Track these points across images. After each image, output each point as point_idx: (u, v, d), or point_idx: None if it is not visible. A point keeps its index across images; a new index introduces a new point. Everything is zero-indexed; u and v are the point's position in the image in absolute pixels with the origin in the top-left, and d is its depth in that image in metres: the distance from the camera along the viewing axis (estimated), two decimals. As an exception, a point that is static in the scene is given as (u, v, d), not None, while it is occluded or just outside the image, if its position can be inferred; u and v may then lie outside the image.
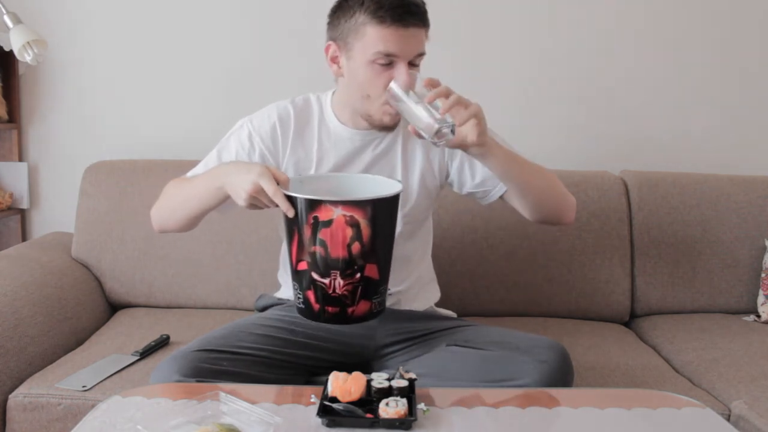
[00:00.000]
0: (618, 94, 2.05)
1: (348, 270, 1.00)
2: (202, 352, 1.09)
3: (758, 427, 1.24)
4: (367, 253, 1.00)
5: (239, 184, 1.03)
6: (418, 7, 1.12)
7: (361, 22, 1.11)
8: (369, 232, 0.99)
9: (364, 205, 0.98)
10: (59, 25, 1.98)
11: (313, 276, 1.01)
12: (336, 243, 0.98)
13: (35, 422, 1.27)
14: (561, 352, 1.10)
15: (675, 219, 1.83)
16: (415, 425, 0.87)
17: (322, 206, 0.98)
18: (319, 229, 0.98)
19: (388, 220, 1.04)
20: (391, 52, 1.11)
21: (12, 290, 1.44)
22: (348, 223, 0.98)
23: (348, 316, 1.02)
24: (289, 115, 1.27)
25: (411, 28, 1.11)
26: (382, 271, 1.04)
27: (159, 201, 1.26)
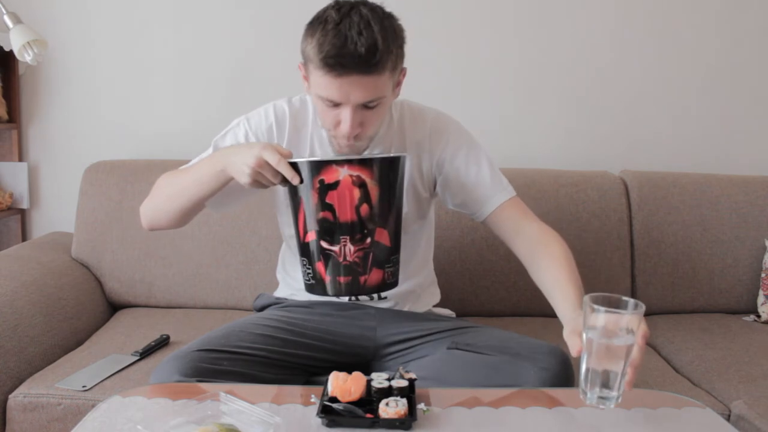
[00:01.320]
0: (618, 94, 2.05)
1: (358, 234, 0.98)
2: (202, 352, 1.08)
3: (758, 427, 1.24)
4: (376, 216, 0.99)
5: (242, 160, 1.01)
6: (359, 57, 1.01)
7: (308, 57, 1.07)
8: (377, 192, 0.98)
9: (369, 163, 0.97)
10: (59, 25, 1.98)
11: (322, 245, 0.99)
12: (344, 205, 0.97)
13: (35, 422, 1.27)
14: (562, 358, 1.09)
15: (675, 219, 1.83)
16: (415, 425, 0.87)
17: (327, 167, 0.96)
18: (326, 193, 0.97)
19: (394, 182, 1.02)
20: (331, 98, 1.06)
21: (12, 290, 1.44)
22: (355, 184, 0.96)
23: (361, 285, 1.00)
24: (285, 116, 1.25)
25: (351, 77, 1.03)
26: (393, 238, 1.02)
27: (150, 196, 1.23)
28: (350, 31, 1.01)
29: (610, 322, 0.86)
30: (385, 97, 1.09)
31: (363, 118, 1.08)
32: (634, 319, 0.87)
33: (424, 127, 1.26)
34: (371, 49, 1.01)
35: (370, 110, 1.08)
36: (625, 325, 0.86)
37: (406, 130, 1.25)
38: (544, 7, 2.01)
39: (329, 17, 1.04)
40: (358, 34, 1.01)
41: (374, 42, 1.01)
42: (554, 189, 1.81)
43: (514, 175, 1.83)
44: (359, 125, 1.08)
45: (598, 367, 0.87)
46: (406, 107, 1.28)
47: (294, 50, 2.03)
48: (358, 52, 1.00)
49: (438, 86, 1.98)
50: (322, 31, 1.03)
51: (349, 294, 1.03)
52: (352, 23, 1.01)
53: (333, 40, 1.01)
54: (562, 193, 1.81)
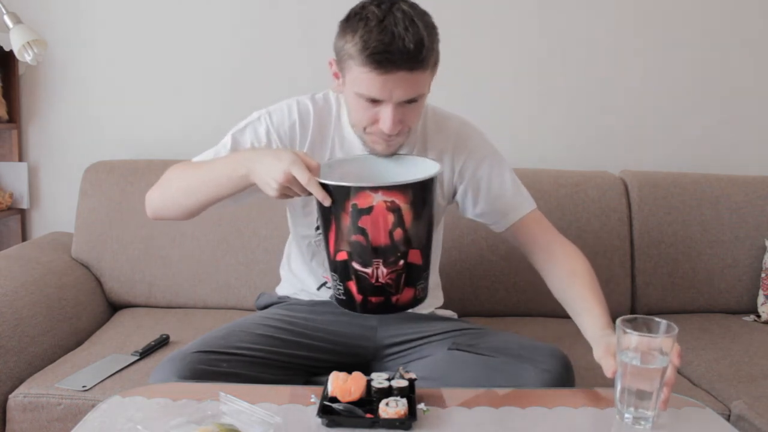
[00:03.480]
0: (618, 94, 2.05)
1: (391, 258, 0.95)
2: (200, 354, 1.08)
3: (758, 427, 1.24)
4: (409, 239, 0.95)
5: (268, 173, 0.97)
6: (407, 53, 0.99)
7: (350, 55, 1.02)
8: (411, 216, 0.94)
9: (405, 189, 0.93)
10: (59, 25, 1.98)
11: (354, 266, 0.96)
12: (378, 230, 0.94)
13: (35, 422, 1.27)
14: (563, 360, 1.09)
15: (675, 219, 1.83)
16: (415, 425, 0.87)
17: (360, 193, 0.92)
18: (359, 217, 0.93)
19: (429, 202, 0.98)
20: (373, 96, 1.03)
21: (12, 290, 1.44)
22: (389, 209, 0.93)
23: (392, 304, 0.98)
24: (310, 114, 1.20)
25: (397, 73, 1.00)
26: (425, 256, 1.00)
27: (160, 185, 1.17)
28: (396, 27, 0.98)
29: (642, 345, 0.88)
30: (425, 94, 1.09)
31: (402, 115, 1.06)
32: (667, 341, 0.88)
33: (448, 135, 1.24)
34: (418, 45, 0.99)
35: (409, 106, 1.06)
36: (658, 347, 0.88)
37: (428, 136, 1.23)
38: (545, 8, 2.01)
39: (371, 13, 1.00)
40: (405, 30, 0.98)
41: (420, 38, 1.00)
42: (554, 189, 1.81)
43: (514, 175, 1.84)
44: (400, 122, 1.07)
45: (633, 388, 0.89)
46: (430, 113, 1.25)
47: (294, 50, 2.02)
48: (407, 48, 0.98)
49: (438, 86, 1.97)
50: (365, 27, 1.00)
51: (381, 313, 0.99)
52: (397, 19, 0.99)
53: (380, 36, 0.98)
54: (562, 193, 1.81)
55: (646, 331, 0.89)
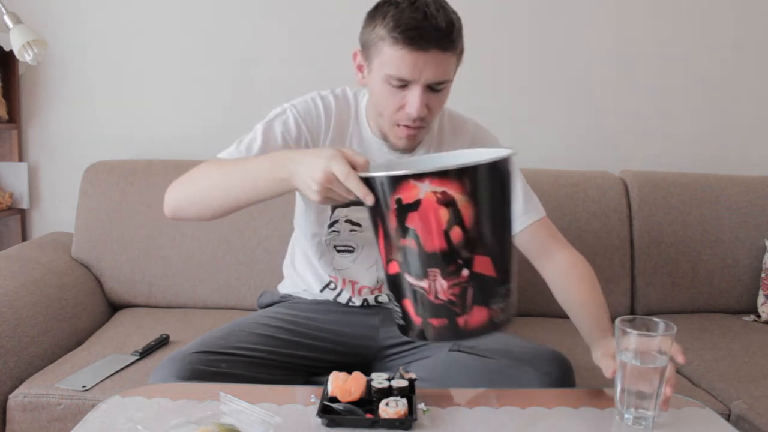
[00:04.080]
0: (618, 94, 2.05)
1: (451, 266, 0.78)
2: (200, 354, 1.07)
3: (758, 427, 1.24)
4: (473, 241, 0.78)
5: (308, 173, 0.86)
6: (440, 30, 1.00)
7: (380, 37, 1.03)
8: (472, 211, 0.77)
9: (458, 175, 0.76)
10: (59, 25, 1.98)
11: (407, 279, 0.81)
12: (429, 230, 0.77)
13: (35, 422, 1.27)
14: (564, 363, 1.09)
15: (675, 219, 1.83)
16: (415, 425, 0.87)
17: (404, 183, 0.77)
18: (406, 215, 0.78)
19: (497, 194, 0.80)
20: (403, 76, 1.03)
21: (12, 290, 1.44)
22: (441, 202, 0.76)
23: (460, 329, 0.81)
24: (332, 108, 1.19)
25: (429, 52, 1.01)
26: (500, 265, 0.82)
27: (183, 183, 1.09)
28: (428, 8, 1.00)
29: (642, 345, 0.88)
30: (450, 82, 1.08)
31: (428, 101, 1.06)
32: (666, 341, 0.88)
33: (464, 137, 1.25)
34: (450, 25, 1.01)
35: (435, 93, 1.06)
36: (657, 346, 0.88)
37: (444, 138, 1.24)
38: (546, 8, 2.01)
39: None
40: (437, 11, 1.00)
41: (451, 19, 1.02)
42: (554, 189, 1.81)
43: (514, 175, 1.84)
44: (425, 107, 1.06)
45: (633, 388, 0.89)
46: (446, 116, 1.26)
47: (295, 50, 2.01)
48: (439, 25, 0.99)
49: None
50: (396, 9, 1.01)
51: (448, 339, 0.85)
52: (428, 2, 1.01)
53: (413, 14, 0.99)
54: (562, 193, 1.81)
55: (645, 331, 0.89)
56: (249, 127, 2.11)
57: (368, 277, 1.28)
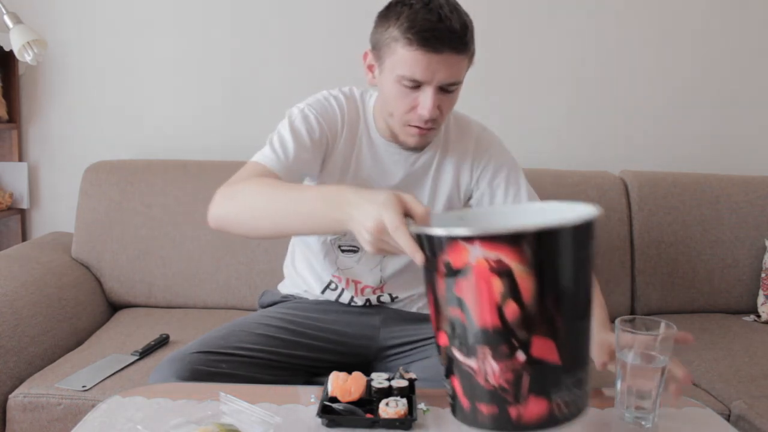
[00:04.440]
0: (618, 94, 2.06)
1: (503, 346, 0.68)
2: (200, 354, 1.07)
3: (758, 427, 1.24)
4: (531, 320, 0.67)
5: (361, 220, 0.79)
6: (454, 32, 1.01)
7: (393, 37, 1.04)
8: (533, 284, 0.66)
9: (515, 240, 0.65)
10: (59, 25, 1.98)
11: (455, 354, 0.71)
12: (480, 302, 0.67)
13: (35, 422, 1.27)
14: None
15: (675, 219, 1.83)
16: (415, 425, 0.87)
17: (452, 245, 0.67)
18: (455, 282, 0.68)
19: (566, 264, 0.68)
20: (416, 78, 1.03)
21: (12, 290, 1.44)
22: (494, 271, 0.66)
23: (512, 420, 0.69)
24: (344, 108, 1.20)
25: (443, 54, 1.01)
26: (567, 349, 0.69)
27: (233, 200, 1.03)
28: (442, 9, 1.01)
29: (641, 344, 0.88)
30: (461, 84, 1.09)
31: (439, 102, 1.06)
32: (666, 341, 0.88)
33: (469, 140, 1.25)
34: (463, 27, 1.02)
35: (446, 95, 1.07)
36: (657, 346, 0.88)
37: (450, 140, 1.24)
38: (545, 8, 2.01)
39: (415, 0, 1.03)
40: (450, 13, 1.01)
41: (465, 21, 1.03)
42: (554, 189, 1.81)
43: (514, 175, 1.84)
44: (437, 108, 1.06)
45: (633, 388, 0.89)
46: (453, 117, 1.26)
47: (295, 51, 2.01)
48: (453, 27, 1.00)
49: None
50: (410, 10, 1.02)
51: (500, 430, 0.71)
52: (441, 4, 1.02)
53: (427, 16, 1.00)
54: (562, 193, 1.81)
55: (644, 330, 0.89)
56: (249, 127, 2.12)
57: (372, 277, 1.27)
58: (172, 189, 1.78)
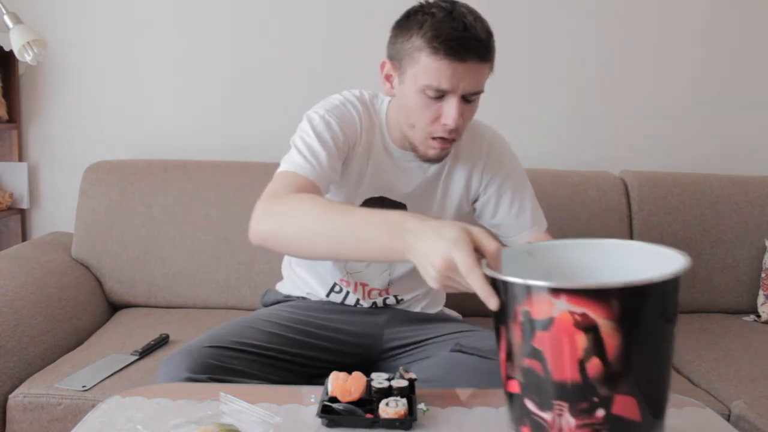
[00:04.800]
0: (618, 94, 2.06)
1: (583, 403, 0.65)
2: (212, 349, 1.06)
3: (758, 427, 1.24)
4: (615, 378, 0.64)
5: (427, 256, 0.75)
6: (480, 41, 1.01)
7: (417, 47, 1.03)
8: (619, 341, 0.63)
9: (603, 295, 0.62)
10: (59, 25, 1.98)
11: (527, 405, 0.69)
12: (560, 356, 0.65)
13: (35, 422, 1.27)
14: None
15: (675, 219, 1.83)
16: (415, 425, 0.87)
17: (534, 295, 0.65)
18: (534, 333, 0.66)
19: (654, 321, 0.65)
20: (442, 87, 1.03)
21: (12, 290, 1.44)
22: (579, 326, 0.63)
23: None
24: (361, 113, 1.18)
25: (468, 63, 1.01)
26: (648, 407, 0.67)
27: (281, 217, 0.96)
28: (466, 18, 1.00)
29: None
30: (482, 93, 1.09)
31: (462, 112, 1.06)
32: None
33: (481, 145, 1.25)
34: (488, 36, 1.03)
35: (468, 105, 1.07)
36: None
37: (461, 144, 1.23)
38: (545, 8, 2.01)
39: (436, 8, 1.02)
40: (474, 21, 1.01)
41: (488, 31, 1.04)
42: (554, 189, 1.81)
43: (514, 175, 1.84)
44: (461, 117, 1.06)
45: None
46: None
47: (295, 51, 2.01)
48: (479, 36, 1.01)
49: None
50: (433, 19, 1.01)
51: None
52: (465, 12, 1.01)
53: (452, 24, 0.99)
54: (562, 193, 1.81)
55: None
56: (249, 127, 2.12)
57: (380, 280, 1.27)
58: (172, 189, 1.78)
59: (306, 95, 1.25)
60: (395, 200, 1.22)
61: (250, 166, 1.83)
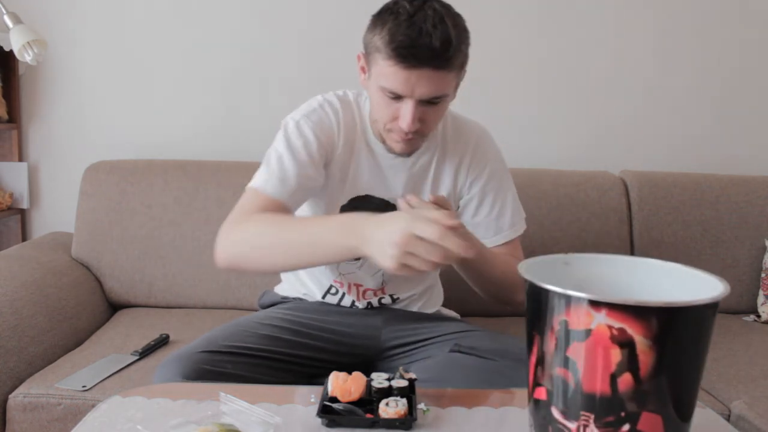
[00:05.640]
0: (618, 94, 2.06)
1: (609, 416, 0.66)
2: (205, 354, 1.06)
3: (758, 427, 1.24)
4: (644, 395, 0.65)
5: (385, 238, 0.81)
6: (433, 50, 0.98)
7: (376, 47, 1.03)
8: (651, 360, 0.64)
9: (644, 313, 0.63)
10: (59, 25, 1.98)
11: (553, 413, 0.69)
12: (593, 369, 0.65)
13: (35, 422, 1.27)
14: None
15: (675, 219, 1.83)
16: (415, 425, 0.87)
17: (574, 306, 0.65)
18: (569, 343, 0.66)
19: (690, 342, 0.67)
20: (395, 91, 1.03)
21: (12, 290, 1.44)
22: (615, 340, 0.64)
23: None
24: (339, 113, 1.18)
25: (422, 70, 1.00)
26: (673, 425, 0.67)
27: (242, 240, 1.04)
28: (425, 23, 0.98)
29: None
30: (448, 96, 1.07)
31: (423, 114, 1.06)
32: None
33: (468, 141, 1.24)
34: (445, 43, 0.98)
35: (431, 107, 1.06)
36: None
37: (448, 142, 1.23)
38: (545, 7, 2.01)
39: (402, 8, 1.00)
40: (433, 27, 0.98)
41: (448, 37, 0.99)
42: (554, 189, 1.81)
43: (514, 175, 1.82)
44: (419, 121, 1.06)
45: None
46: (450, 118, 1.25)
47: (294, 50, 2.02)
48: (433, 45, 0.97)
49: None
50: (394, 21, 1.00)
51: None
52: (427, 16, 0.98)
53: (407, 31, 0.98)
54: (562, 193, 1.81)
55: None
56: (249, 127, 2.12)
57: (373, 281, 1.27)
58: (172, 189, 1.78)
59: (306, 95, 1.25)
60: (381, 198, 1.21)
61: (250, 166, 1.81)
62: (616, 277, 0.80)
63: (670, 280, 0.78)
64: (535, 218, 1.78)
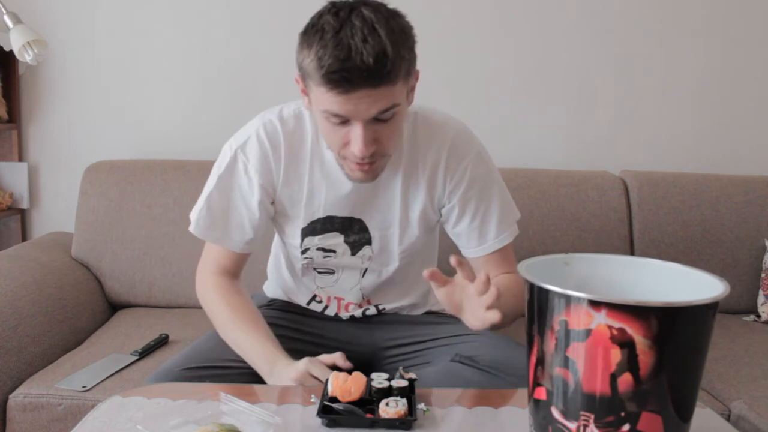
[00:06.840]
0: (617, 94, 2.05)
1: (609, 416, 0.66)
2: (186, 371, 1.04)
3: (758, 427, 1.24)
4: (644, 395, 0.65)
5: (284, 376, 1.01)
6: (366, 69, 0.87)
7: (308, 72, 0.92)
8: (653, 359, 0.64)
9: (644, 313, 0.63)
10: (59, 25, 1.98)
11: (553, 413, 0.70)
12: (593, 369, 0.66)
13: (35, 422, 1.27)
14: None
15: (675, 219, 1.83)
16: (415, 425, 0.87)
17: (574, 306, 0.66)
18: (569, 343, 0.67)
19: (690, 342, 0.67)
20: (339, 113, 0.92)
21: (12, 290, 1.44)
22: (615, 340, 0.64)
23: None
24: (279, 138, 1.09)
25: (360, 91, 0.89)
26: (673, 425, 0.67)
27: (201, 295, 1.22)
28: (353, 39, 0.87)
29: None
30: (400, 105, 0.96)
31: (376, 134, 0.95)
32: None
33: (441, 147, 1.11)
34: (380, 57, 0.87)
35: (383, 123, 0.95)
36: None
37: (419, 146, 1.11)
38: (545, 7, 2.01)
39: (326, 24, 0.90)
40: (363, 42, 0.87)
41: (382, 49, 0.87)
42: (554, 189, 1.81)
43: (514, 175, 1.84)
44: (373, 142, 0.96)
45: None
46: (420, 119, 1.12)
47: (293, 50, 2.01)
48: (366, 63, 0.86)
49: (438, 86, 1.97)
50: (320, 41, 0.89)
51: None
52: (355, 29, 0.87)
53: (334, 52, 0.87)
54: (562, 193, 1.81)
55: None
56: (249, 127, 2.10)
57: (353, 295, 1.23)
58: (172, 189, 1.78)
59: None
60: (345, 216, 1.14)
61: (250, 166, 1.83)
62: (616, 277, 0.80)
63: (670, 280, 0.78)
64: (535, 218, 1.78)
